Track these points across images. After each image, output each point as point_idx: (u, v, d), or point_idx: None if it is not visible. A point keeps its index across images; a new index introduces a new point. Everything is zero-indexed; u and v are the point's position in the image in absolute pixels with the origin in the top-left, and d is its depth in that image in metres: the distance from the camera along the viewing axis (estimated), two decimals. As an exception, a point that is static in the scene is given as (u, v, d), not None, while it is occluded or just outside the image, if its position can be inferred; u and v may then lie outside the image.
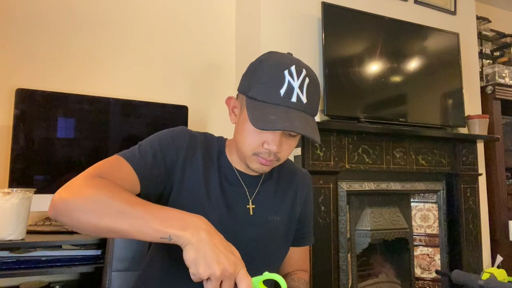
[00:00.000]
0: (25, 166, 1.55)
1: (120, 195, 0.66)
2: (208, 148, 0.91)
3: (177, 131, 0.89)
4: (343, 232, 2.02)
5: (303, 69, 0.82)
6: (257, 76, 0.82)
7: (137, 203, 0.66)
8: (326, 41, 2.01)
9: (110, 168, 0.76)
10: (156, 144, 0.84)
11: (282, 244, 0.96)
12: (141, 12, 2.05)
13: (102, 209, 0.65)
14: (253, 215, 0.90)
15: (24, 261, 1.32)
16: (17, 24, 1.78)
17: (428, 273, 2.43)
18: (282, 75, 0.79)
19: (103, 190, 0.67)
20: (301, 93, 0.80)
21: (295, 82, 0.80)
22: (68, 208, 0.66)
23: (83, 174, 0.72)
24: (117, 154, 0.81)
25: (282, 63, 0.81)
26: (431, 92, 2.35)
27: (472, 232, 2.39)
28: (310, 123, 0.81)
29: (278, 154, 0.83)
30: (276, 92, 0.78)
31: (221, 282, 0.59)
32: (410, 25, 2.33)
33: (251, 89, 0.82)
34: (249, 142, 0.83)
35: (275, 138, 0.81)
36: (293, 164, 1.06)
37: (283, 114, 0.77)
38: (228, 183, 0.90)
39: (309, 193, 1.04)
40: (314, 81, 0.84)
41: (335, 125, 1.98)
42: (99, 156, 1.66)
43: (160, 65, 2.06)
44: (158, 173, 0.82)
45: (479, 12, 3.02)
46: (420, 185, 2.32)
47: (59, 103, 1.64)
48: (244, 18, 2.20)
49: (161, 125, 1.81)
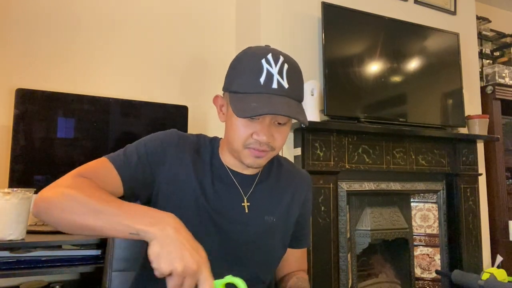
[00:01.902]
0: (25, 166, 1.55)
1: (97, 194, 0.68)
2: (199, 149, 0.91)
3: (165, 133, 0.90)
4: (343, 232, 2.02)
5: (280, 56, 0.82)
6: (236, 70, 0.84)
7: (112, 201, 0.67)
8: (326, 41, 2.01)
9: (94, 170, 0.79)
10: (142, 145, 0.85)
11: (279, 245, 0.94)
12: (142, 12, 2.05)
13: (79, 207, 0.67)
14: (249, 213, 0.89)
15: (24, 261, 1.32)
16: (17, 24, 1.78)
17: (428, 273, 2.43)
18: (259, 64, 0.80)
19: (81, 190, 0.69)
20: (281, 79, 0.80)
21: (274, 69, 0.80)
22: (48, 206, 0.69)
23: (68, 175, 0.76)
24: (105, 156, 0.83)
25: (258, 54, 0.81)
26: (431, 92, 2.35)
27: (472, 232, 2.39)
28: (293, 106, 0.80)
29: (271, 143, 0.82)
30: (256, 81, 0.79)
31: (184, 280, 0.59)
32: (410, 25, 2.33)
33: (232, 84, 0.83)
34: (238, 136, 0.82)
35: (263, 128, 0.81)
36: (293, 166, 1.05)
37: (265, 100, 0.77)
38: (222, 183, 0.89)
39: (308, 195, 1.02)
40: (293, 67, 0.84)
41: (335, 125, 1.98)
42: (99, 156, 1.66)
43: (160, 65, 2.06)
44: (143, 174, 0.83)
45: (479, 12, 3.02)
46: (420, 185, 2.32)
47: (59, 103, 1.64)
48: (244, 18, 2.20)
49: (161, 125, 1.81)
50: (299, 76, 0.86)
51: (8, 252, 1.32)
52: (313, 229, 1.88)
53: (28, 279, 1.57)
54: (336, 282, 1.93)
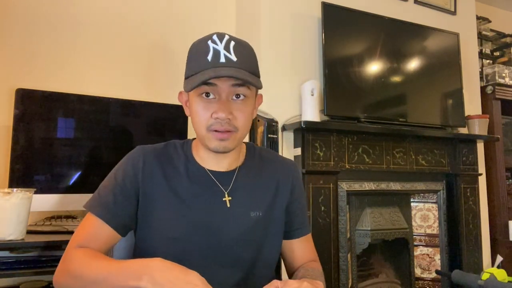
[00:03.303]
0: (25, 166, 1.55)
1: (93, 265, 0.75)
2: (170, 159, 0.91)
3: (131, 157, 0.90)
4: (343, 232, 2.02)
5: (225, 34, 0.84)
6: (188, 59, 0.87)
7: (103, 267, 0.74)
8: (326, 41, 2.01)
9: (88, 234, 0.83)
10: (114, 183, 0.87)
11: (272, 239, 0.93)
12: (142, 13, 2.05)
13: (83, 284, 0.76)
14: (232, 208, 0.88)
15: (24, 261, 1.32)
16: (17, 24, 1.78)
17: (428, 273, 2.43)
18: (206, 45, 0.82)
19: (81, 266, 0.77)
20: (229, 53, 0.81)
21: (220, 46, 0.81)
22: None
23: (69, 247, 0.82)
24: (89, 212, 0.85)
25: (205, 38, 0.84)
26: (431, 92, 2.35)
27: (472, 232, 2.39)
28: (242, 72, 0.80)
29: (232, 121, 0.82)
30: (204, 60, 0.81)
31: None
32: (410, 25, 2.33)
33: (186, 71, 0.86)
34: (199, 119, 0.84)
35: (220, 105, 0.81)
36: (276, 156, 1.03)
37: (211, 71, 0.79)
38: (200, 185, 0.88)
39: (296, 182, 0.99)
40: (241, 43, 0.85)
41: (335, 125, 1.98)
42: (99, 156, 1.66)
43: (160, 65, 2.05)
44: (124, 210, 0.85)
45: (479, 12, 3.02)
46: (420, 185, 2.32)
47: (59, 103, 1.64)
48: (244, 18, 2.20)
49: (161, 125, 1.81)
50: (249, 51, 0.86)
51: (8, 252, 1.32)
52: (313, 229, 1.88)
53: (28, 279, 1.57)
54: (336, 282, 1.93)
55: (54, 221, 1.56)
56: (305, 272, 0.89)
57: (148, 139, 1.76)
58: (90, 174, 1.63)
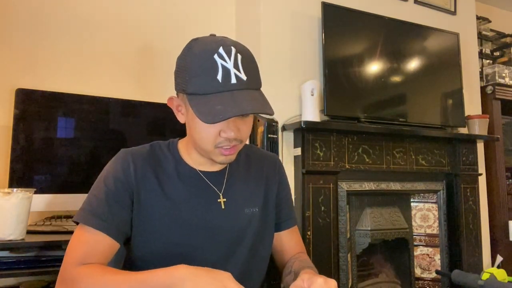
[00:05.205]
0: (25, 166, 1.55)
1: (108, 282, 0.70)
2: (159, 161, 0.89)
3: (119, 161, 0.86)
4: (343, 232, 2.02)
5: (231, 47, 0.78)
6: (188, 70, 0.78)
7: (121, 283, 0.69)
8: (326, 41, 2.01)
9: (85, 248, 0.77)
10: (104, 189, 0.82)
11: (267, 233, 0.95)
12: (142, 13, 2.05)
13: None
14: (226, 209, 0.88)
15: (24, 261, 1.32)
16: (17, 24, 1.78)
17: (428, 273, 2.43)
18: (213, 61, 0.76)
19: (93, 284, 0.70)
20: (239, 72, 0.76)
21: (229, 63, 0.76)
22: None
23: (68, 266, 0.75)
24: (80, 221, 0.80)
25: (208, 49, 0.77)
26: (431, 92, 2.35)
27: (472, 232, 2.39)
28: (257, 98, 0.78)
29: (238, 135, 0.81)
30: (214, 80, 0.75)
31: None
32: (410, 25, 2.33)
33: (188, 85, 0.78)
34: (206, 137, 0.81)
35: (229, 125, 0.79)
36: (260, 150, 1.04)
37: (229, 99, 0.74)
38: (194, 187, 0.88)
39: (281, 175, 1.02)
40: (247, 55, 0.80)
41: (335, 125, 1.98)
42: (99, 156, 1.66)
43: (161, 65, 2.05)
44: (120, 216, 0.82)
45: (479, 12, 3.02)
46: (420, 185, 2.32)
47: (59, 103, 1.64)
48: (244, 18, 2.20)
49: (161, 125, 1.81)
50: (254, 64, 0.82)
51: (8, 252, 1.32)
52: (313, 229, 1.88)
53: (28, 279, 1.57)
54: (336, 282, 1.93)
55: (54, 221, 1.56)
56: (300, 264, 0.90)
57: (148, 139, 1.74)
58: (90, 174, 1.63)
